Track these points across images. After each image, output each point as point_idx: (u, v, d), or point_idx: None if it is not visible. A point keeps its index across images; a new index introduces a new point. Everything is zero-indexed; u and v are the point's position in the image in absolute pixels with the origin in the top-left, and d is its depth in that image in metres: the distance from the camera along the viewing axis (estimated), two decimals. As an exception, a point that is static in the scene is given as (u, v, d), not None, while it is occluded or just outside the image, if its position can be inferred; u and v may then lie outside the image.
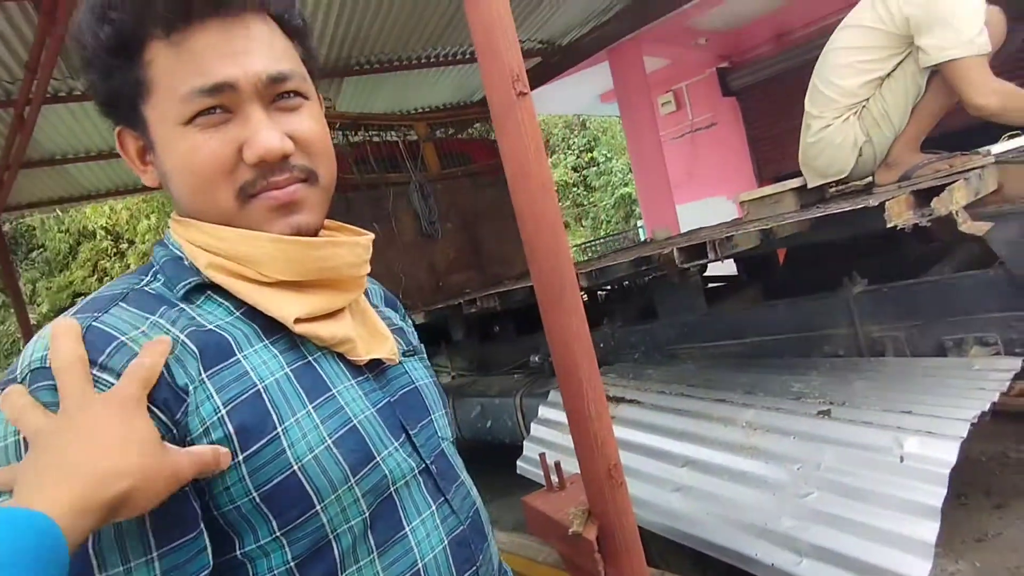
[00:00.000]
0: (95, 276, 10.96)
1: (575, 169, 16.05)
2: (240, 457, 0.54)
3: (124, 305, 0.57)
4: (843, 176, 2.10)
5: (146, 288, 0.60)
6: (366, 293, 0.75)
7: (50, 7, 2.94)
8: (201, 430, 0.54)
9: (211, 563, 0.53)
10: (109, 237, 10.92)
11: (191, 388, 0.54)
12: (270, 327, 0.61)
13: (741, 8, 5.96)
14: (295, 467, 0.56)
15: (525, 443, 2.35)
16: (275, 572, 0.56)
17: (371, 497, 0.61)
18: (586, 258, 10.49)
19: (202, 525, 0.53)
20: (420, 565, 0.63)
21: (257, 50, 0.58)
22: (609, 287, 3.56)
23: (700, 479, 1.67)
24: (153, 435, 0.48)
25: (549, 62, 5.41)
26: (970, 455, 2.82)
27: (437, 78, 5.56)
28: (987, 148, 2.05)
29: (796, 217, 1.81)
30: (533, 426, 2.36)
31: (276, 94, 0.60)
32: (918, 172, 1.96)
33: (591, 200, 16.01)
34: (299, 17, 0.64)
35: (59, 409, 0.48)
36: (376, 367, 0.68)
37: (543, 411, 2.34)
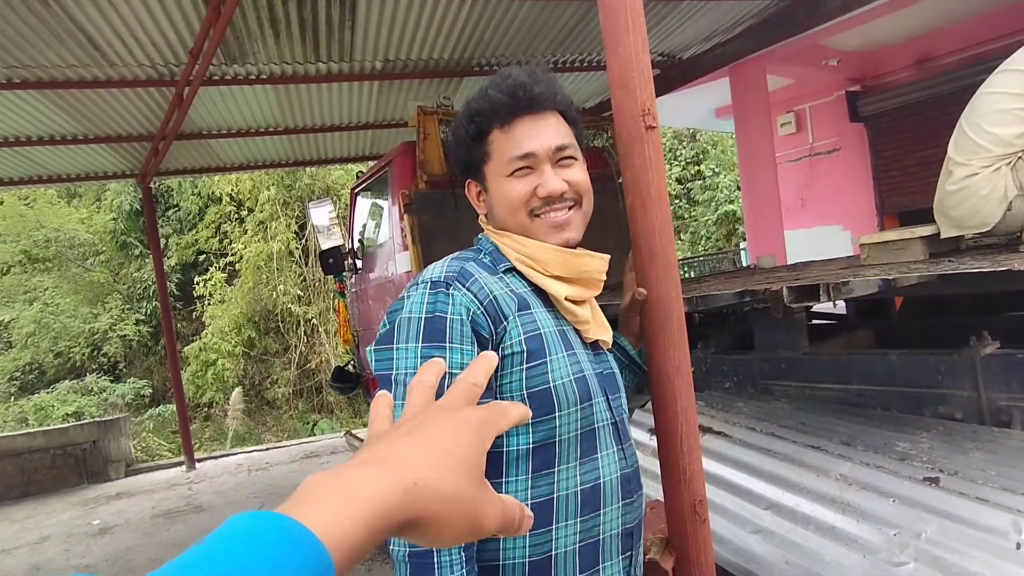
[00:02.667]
0: (217, 237, 11.97)
1: (679, 181, 15.63)
2: (525, 366, 0.90)
3: (475, 264, 0.96)
4: (986, 229, 1.92)
5: (482, 259, 0.99)
6: None
7: (217, 1, 3.27)
8: (510, 343, 0.90)
9: None
10: (232, 203, 11.87)
11: (510, 318, 0.92)
12: (547, 303, 0.98)
13: (882, 30, 5.58)
14: (551, 384, 0.91)
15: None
16: (519, 448, 0.89)
17: (585, 422, 0.94)
18: (684, 275, 10.21)
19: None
20: (602, 481, 0.95)
21: (548, 132, 0.99)
22: (705, 311, 3.47)
23: (783, 525, 1.62)
24: (481, 464, 0.42)
25: (668, 75, 5.31)
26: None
27: (552, 83, 5.61)
28: None
29: (924, 269, 1.70)
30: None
31: (559, 158, 0.99)
32: (1074, 234, 1.77)
33: (693, 214, 15.52)
34: (575, 111, 1.05)
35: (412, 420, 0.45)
36: (594, 349, 1.01)
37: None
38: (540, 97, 0.98)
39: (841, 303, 3.07)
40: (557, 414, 0.90)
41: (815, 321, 3.07)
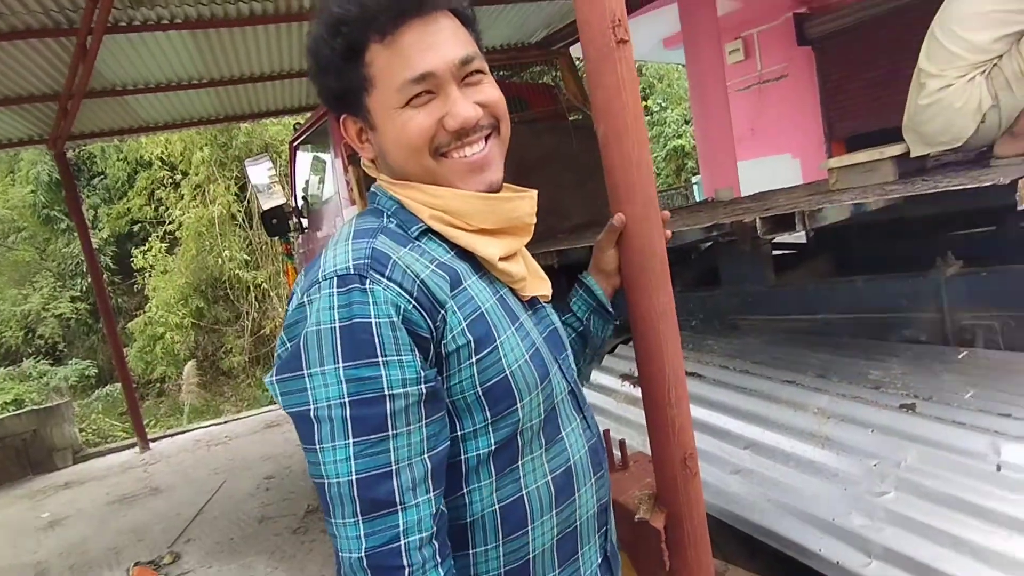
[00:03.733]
0: (151, 204, 11.26)
1: (628, 118, 15.49)
2: (474, 359, 0.73)
3: (383, 236, 0.74)
4: (957, 144, 1.86)
5: (390, 226, 0.77)
6: None
7: (110, -69, 2.87)
8: (451, 336, 0.72)
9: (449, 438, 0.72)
10: (165, 167, 11.14)
11: (447, 304, 0.72)
12: (476, 267, 0.79)
13: (829, -53, 5.45)
14: (507, 372, 0.75)
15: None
16: (479, 453, 0.75)
17: (547, 403, 0.80)
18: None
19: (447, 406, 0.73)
20: (571, 462, 0.83)
21: (446, 41, 0.75)
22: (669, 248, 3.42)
23: (763, 463, 1.59)
24: None
25: (615, 3, 5.09)
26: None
27: (494, 17, 5.31)
28: None
29: (900, 191, 1.64)
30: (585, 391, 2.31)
31: (465, 74, 0.76)
32: (1049, 146, 1.73)
33: (642, 151, 15.49)
34: (470, 9, 0.80)
35: None
36: (532, 306, 0.86)
37: (596, 377, 2.28)
38: None
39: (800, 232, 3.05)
40: (519, 404, 0.76)
41: (776, 252, 3.05)
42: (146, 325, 10.83)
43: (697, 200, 11.26)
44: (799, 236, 3.13)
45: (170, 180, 11.18)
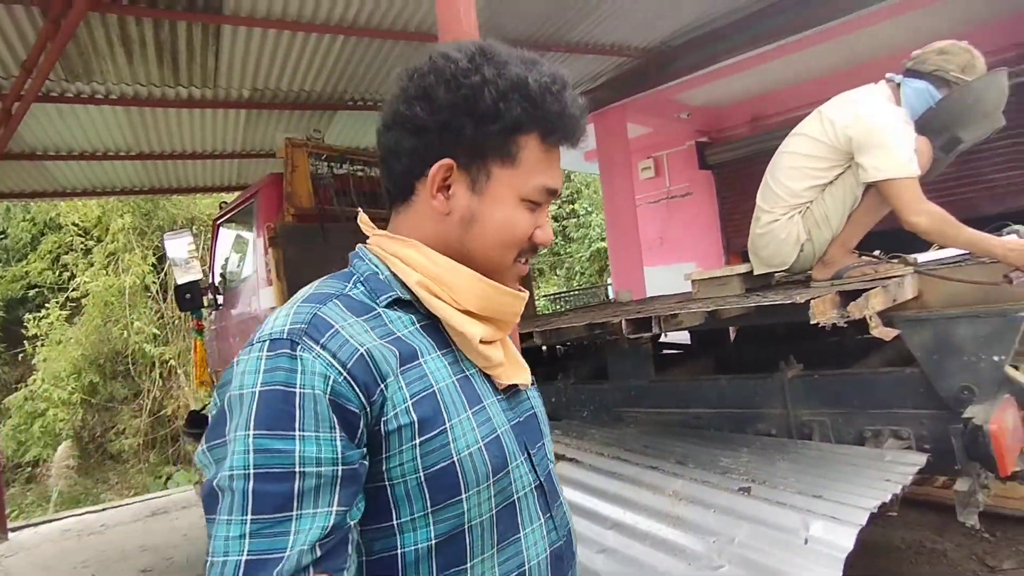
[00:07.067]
0: (54, 269, 10.68)
1: (555, 219, 16.40)
2: (417, 440, 0.67)
3: (337, 303, 0.71)
4: (785, 268, 2.27)
5: (350, 293, 0.74)
6: None
7: (57, 15, 3.03)
8: (392, 414, 0.67)
9: (363, 509, 0.66)
10: (78, 232, 10.71)
11: (389, 380, 0.67)
12: (441, 344, 0.75)
13: (723, 90, 6.32)
14: (455, 458, 0.69)
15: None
16: (418, 547, 0.68)
17: (500, 498, 0.73)
18: (558, 308, 10.63)
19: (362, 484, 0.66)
20: (527, 567, 0.75)
21: (560, 171, 0.81)
22: (568, 343, 3.66)
23: (625, 543, 1.74)
24: None
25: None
26: (892, 542, 2.94)
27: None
28: (915, 256, 2.23)
29: (737, 303, 1.94)
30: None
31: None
32: (848, 273, 2.13)
33: (568, 251, 16.29)
34: None
35: None
36: (508, 391, 0.81)
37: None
38: (585, 135, 0.81)
39: (686, 334, 3.38)
40: (465, 496, 0.69)
41: (665, 352, 3.35)
42: (26, 400, 9.89)
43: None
44: (686, 338, 3.46)
45: (82, 246, 10.71)
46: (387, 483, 0.67)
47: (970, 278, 1.90)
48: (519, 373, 0.82)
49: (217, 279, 4.72)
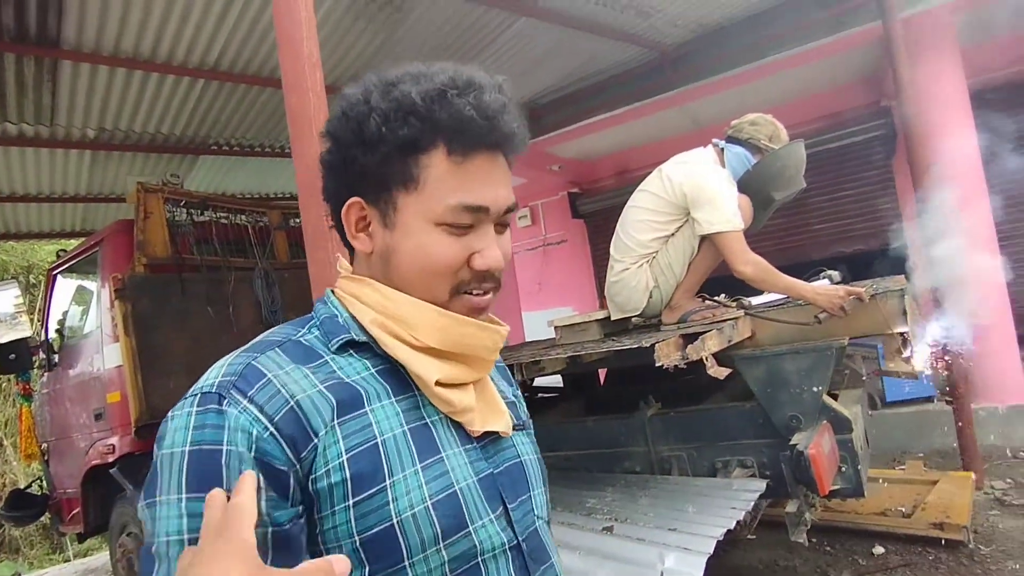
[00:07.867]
0: None
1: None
2: (351, 501, 0.60)
3: (279, 351, 0.66)
4: (637, 313, 2.46)
5: (301, 339, 0.68)
6: None
7: None
8: (324, 470, 0.60)
9: None
10: None
11: (322, 432, 0.61)
12: (399, 388, 0.68)
13: (591, 144, 6.79)
14: (394, 520, 0.61)
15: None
16: None
17: (457, 564, 0.64)
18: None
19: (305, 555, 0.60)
20: None
21: (503, 183, 0.70)
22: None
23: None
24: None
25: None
26: (751, 563, 3.16)
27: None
28: (750, 299, 2.50)
29: (594, 348, 2.05)
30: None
31: (501, 221, 0.70)
32: (692, 317, 2.35)
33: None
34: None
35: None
36: (486, 438, 0.72)
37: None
38: (515, 135, 0.69)
39: (559, 377, 3.49)
40: (409, 563, 0.61)
41: (541, 395, 3.43)
42: None
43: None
44: (559, 381, 3.58)
45: None
46: (322, 547, 0.60)
47: (792, 319, 2.16)
48: (495, 420, 0.73)
49: (52, 335, 4.20)
